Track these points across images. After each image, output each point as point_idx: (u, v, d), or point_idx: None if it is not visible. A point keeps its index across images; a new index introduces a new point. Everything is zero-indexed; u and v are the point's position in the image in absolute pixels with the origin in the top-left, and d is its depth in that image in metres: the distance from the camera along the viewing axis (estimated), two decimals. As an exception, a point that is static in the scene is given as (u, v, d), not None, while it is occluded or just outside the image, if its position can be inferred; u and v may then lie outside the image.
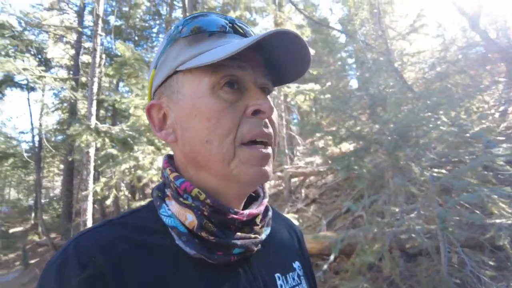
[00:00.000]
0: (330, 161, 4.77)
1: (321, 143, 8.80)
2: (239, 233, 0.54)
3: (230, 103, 0.52)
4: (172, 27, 0.60)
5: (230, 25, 0.57)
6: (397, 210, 3.41)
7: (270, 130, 0.55)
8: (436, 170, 3.25)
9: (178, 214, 0.54)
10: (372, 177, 3.96)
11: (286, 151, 9.05)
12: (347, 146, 6.63)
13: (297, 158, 11.10)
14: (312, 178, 9.23)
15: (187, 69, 0.53)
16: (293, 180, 9.34)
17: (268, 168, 0.55)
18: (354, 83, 11.87)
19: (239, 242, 0.53)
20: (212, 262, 0.52)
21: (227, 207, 0.54)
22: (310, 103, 9.30)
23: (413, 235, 3.09)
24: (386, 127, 3.53)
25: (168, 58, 0.57)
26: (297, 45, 0.53)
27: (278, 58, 0.58)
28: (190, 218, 0.52)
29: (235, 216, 0.54)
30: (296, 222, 5.33)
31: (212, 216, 0.53)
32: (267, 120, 0.55)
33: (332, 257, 4.56)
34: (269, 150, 0.55)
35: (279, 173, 9.83)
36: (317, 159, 9.72)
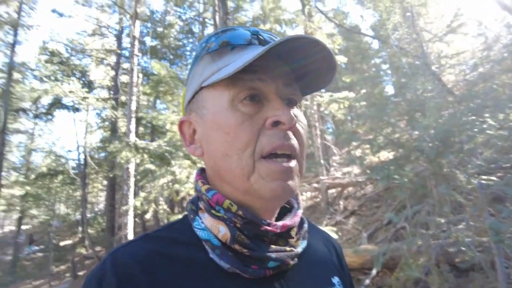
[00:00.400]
0: (368, 171, 4.62)
1: (358, 152, 8.57)
2: (273, 246, 0.53)
3: (249, 115, 0.52)
4: (199, 44, 0.61)
5: (254, 36, 0.56)
6: (442, 221, 3.20)
7: (293, 141, 0.53)
8: (484, 177, 3.01)
9: (211, 226, 0.53)
10: (414, 186, 3.77)
11: (322, 161, 8.89)
12: (386, 155, 6.39)
13: (334, 168, 10.87)
14: (350, 189, 8.98)
15: (209, 84, 0.54)
16: (330, 191, 9.13)
17: (292, 182, 0.52)
18: (389, 89, 11.52)
19: (273, 255, 0.51)
20: (246, 276, 0.50)
21: (260, 219, 0.53)
22: (344, 112, 9.14)
23: (462, 248, 2.88)
24: (426, 133, 3.36)
25: (195, 75, 0.58)
26: (318, 50, 0.52)
27: (304, 65, 0.56)
28: (223, 231, 0.52)
29: (268, 227, 0.52)
30: (335, 236, 5.17)
31: (245, 228, 0.52)
32: (289, 132, 0.53)
33: (374, 272, 4.37)
34: (292, 163, 0.52)
35: (315, 185, 9.66)
36: (355, 169, 9.46)
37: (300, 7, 9.41)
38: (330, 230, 4.89)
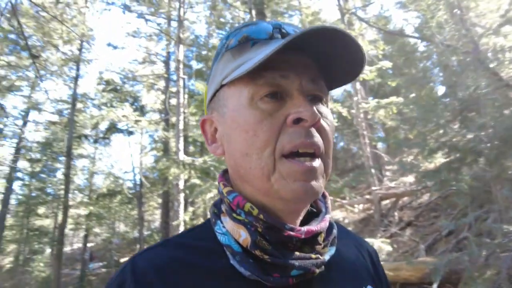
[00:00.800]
0: (420, 177, 4.33)
1: (410, 159, 8.11)
2: (297, 253, 0.50)
3: (268, 113, 0.49)
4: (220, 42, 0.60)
5: (277, 30, 0.54)
6: (511, 229, 2.87)
7: (316, 139, 0.49)
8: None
9: (232, 231, 0.52)
10: (474, 191, 3.45)
11: (373, 171, 8.54)
12: (442, 160, 5.97)
13: (387, 178, 10.39)
14: (405, 198, 8.53)
15: (229, 82, 0.53)
16: (384, 202, 8.71)
17: (316, 183, 0.49)
18: (438, 90, 10.83)
19: (297, 262, 0.48)
20: (268, 284, 0.48)
21: (282, 223, 0.50)
22: (394, 117, 8.75)
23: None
24: (483, 132, 3.08)
25: (216, 73, 0.57)
26: (345, 42, 0.49)
27: (329, 58, 0.54)
28: (243, 235, 0.50)
29: (291, 233, 0.49)
30: (389, 248, 4.88)
31: (267, 233, 0.49)
32: (313, 129, 0.49)
33: (435, 286, 4.02)
34: (316, 162, 0.49)
35: (367, 196, 9.29)
36: (410, 178, 8.96)
37: (339, 16, 9.34)
38: (384, 243, 4.63)
